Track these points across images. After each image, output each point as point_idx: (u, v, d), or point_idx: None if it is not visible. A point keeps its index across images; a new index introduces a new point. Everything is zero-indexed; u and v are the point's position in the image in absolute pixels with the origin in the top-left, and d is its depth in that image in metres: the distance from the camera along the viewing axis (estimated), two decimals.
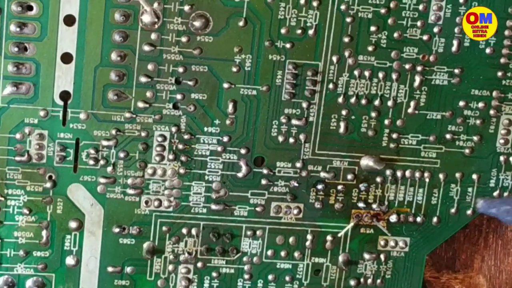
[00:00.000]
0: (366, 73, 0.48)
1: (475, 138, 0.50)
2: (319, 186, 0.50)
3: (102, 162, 0.47)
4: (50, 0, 0.45)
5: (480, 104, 0.50)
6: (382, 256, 0.51)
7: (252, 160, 0.49)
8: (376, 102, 0.49)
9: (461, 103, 0.49)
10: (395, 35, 0.48)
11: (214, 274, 0.50)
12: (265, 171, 0.49)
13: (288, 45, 0.47)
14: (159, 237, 0.49)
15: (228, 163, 0.49)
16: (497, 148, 0.50)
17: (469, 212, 0.51)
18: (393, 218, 0.50)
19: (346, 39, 0.48)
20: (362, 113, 0.49)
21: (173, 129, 0.48)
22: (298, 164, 0.49)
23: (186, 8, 0.46)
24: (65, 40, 0.46)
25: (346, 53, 0.48)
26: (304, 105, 0.48)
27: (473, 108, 0.50)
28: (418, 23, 0.48)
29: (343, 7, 0.47)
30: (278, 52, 0.47)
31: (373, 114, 0.49)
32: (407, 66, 0.48)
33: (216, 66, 0.47)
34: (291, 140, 0.49)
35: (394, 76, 0.48)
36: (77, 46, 0.46)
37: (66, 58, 0.46)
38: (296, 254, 0.50)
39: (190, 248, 0.50)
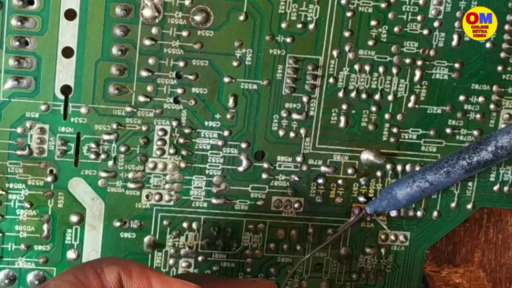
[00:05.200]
0: (367, 68, 0.48)
1: (475, 132, 0.50)
2: (320, 180, 0.50)
3: (103, 156, 0.48)
4: None
5: (480, 99, 0.50)
6: (382, 250, 0.51)
7: (252, 154, 0.49)
8: (377, 97, 0.49)
9: (461, 98, 0.49)
10: (396, 29, 0.48)
11: (215, 268, 0.50)
12: (265, 165, 0.49)
13: (288, 40, 0.47)
14: (159, 231, 0.49)
15: (229, 157, 0.49)
16: None
17: (469, 206, 0.51)
18: (393, 212, 0.51)
19: (346, 34, 0.48)
20: (363, 108, 0.49)
21: (174, 123, 0.48)
22: (299, 158, 0.49)
23: (187, 2, 0.46)
24: (66, 34, 0.46)
25: (347, 48, 0.48)
26: (305, 99, 0.48)
27: (473, 103, 0.50)
28: (418, 18, 0.48)
29: (343, 1, 0.47)
30: (279, 46, 0.48)
31: (374, 109, 0.49)
32: (407, 61, 0.49)
33: (216, 61, 0.47)
34: (292, 134, 0.49)
35: (394, 70, 0.49)
36: (78, 40, 0.46)
37: (67, 52, 0.46)
38: (297, 248, 0.51)
39: (191, 242, 0.50)
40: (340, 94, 0.49)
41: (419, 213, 0.51)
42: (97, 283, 0.38)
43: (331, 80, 0.48)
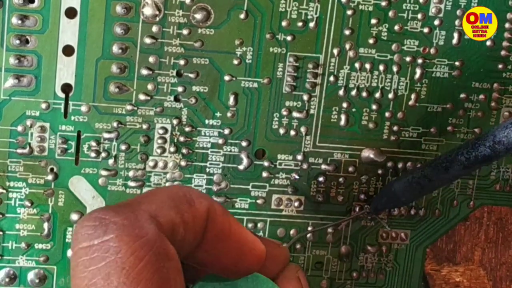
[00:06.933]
0: (367, 66, 0.48)
1: (476, 130, 0.50)
2: (320, 179, 0.50)
3: (103, 154, 0.48)
4: None
5: (481, 97, 0.50)
6: (383, 249, 0.51)
7: (253, 153, 0.49)
8: (377, 95, 0.49)
9: (462, 96, 0.50)
10: (396, 27, 0.48)
11: None
12: (266, 164, 0.49)
13: (289, 38, 0.47)
14: None
15: (229, 155, 0.49)
16: None
17: (469, 204, 0.51)
18: (394, 210, 0.51)
19: (347, 32, 0.48)
20: (363, 106, 0.49)
21: (174, 121, 0.48)
22: (299, 157, 0.49)
23: (187, 0, 0.46)
24: (67, 32, 0.46)
25: (347, 46, 0.48)
26: (305, 97, 0.48)
27: (473, 101, 0.50)
28: (419, 16, 0.48)
29: None
30: (279, 44, 0.48)
31: (374, 107, 0.49)
32: (407, 59, 0.49)
33: (217, 59, 0.47)
34: (292, 132, 0.49)
35: (394, 68, 0.49)
36: (79, 39, 0.46)
37: (68, 50, 0.46)
38: (297, 246, 0.50)
39: None
40: (341, 92, 0.49)
41: (419, 212, 0.51)
42: (190, 214, 0.35)
43: (331, 78, 0.48)
